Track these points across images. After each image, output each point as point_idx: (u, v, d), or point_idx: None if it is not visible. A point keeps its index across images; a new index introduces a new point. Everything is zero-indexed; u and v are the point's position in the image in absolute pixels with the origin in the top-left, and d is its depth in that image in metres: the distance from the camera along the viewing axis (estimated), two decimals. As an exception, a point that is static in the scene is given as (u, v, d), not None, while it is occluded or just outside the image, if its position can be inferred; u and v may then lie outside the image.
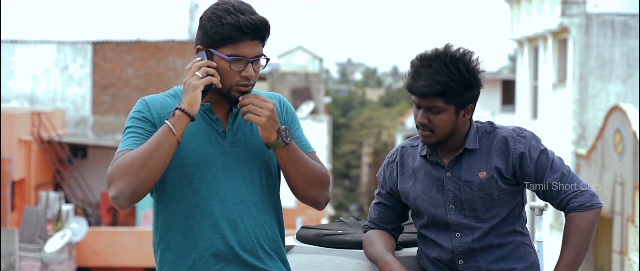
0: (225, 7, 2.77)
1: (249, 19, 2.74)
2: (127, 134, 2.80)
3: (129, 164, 2.68)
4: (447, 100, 2.94)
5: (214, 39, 2.77)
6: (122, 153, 2.73)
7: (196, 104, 2.72)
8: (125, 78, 27.36)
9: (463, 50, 2.97)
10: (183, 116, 2.71)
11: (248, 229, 2.83)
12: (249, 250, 2.83)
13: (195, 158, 2.80)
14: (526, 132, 3.07)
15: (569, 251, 2.98)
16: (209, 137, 2.83)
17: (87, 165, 25.82)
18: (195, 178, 2.81)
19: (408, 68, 3.02)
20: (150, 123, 2.80)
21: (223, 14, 2.75)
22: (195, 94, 2.72)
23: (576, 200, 2.99)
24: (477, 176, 3.02)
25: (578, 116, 21.30)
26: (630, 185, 16.72)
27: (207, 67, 2.76)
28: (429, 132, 2.99)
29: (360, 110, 64.89)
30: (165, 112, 2.82)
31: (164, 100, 2.87)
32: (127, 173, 2.68)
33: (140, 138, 2.77)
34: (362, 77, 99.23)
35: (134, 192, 2.69)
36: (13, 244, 17.06)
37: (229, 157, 2.83)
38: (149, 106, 2.83)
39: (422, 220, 3.13)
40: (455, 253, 3.06)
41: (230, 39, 2.75)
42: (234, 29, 2.74)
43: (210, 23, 2.77)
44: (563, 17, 21.37)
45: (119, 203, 2.71)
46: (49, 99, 27.06)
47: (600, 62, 21.23)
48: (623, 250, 16.64)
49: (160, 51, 27.33)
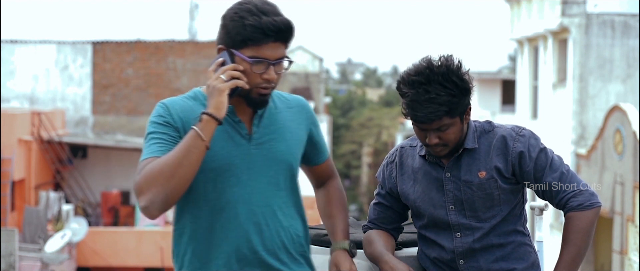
0: (247, 7, 2.70)
1: (271, 21, 2.67)
2: (150, 140, 2.71)
3: (158, 173, 2.60)
4: (452, 115, 2.93)
5: (235, 39, 2.70)
6: (148, 161, 2.65)
7: (223, 108, 2.65)
8: (125, 78, 27.36)
9: (446, 61, 2.92)
10: (211, 120, 2.64)
11: (273, 232, 2.80)
12: (273, 254, 2.80)
13: (219, 162, 2.74)
14: (525, 130, 3.07)
15: (569, 250, 2.98)
16: (233, 140, 2.77)
17: (87, 165, 25.83)
18: (220, 182, 2.75)
19: (402, 97, 2.95)
20: (173, 127, 2.72)
21: (245, 15, 2.68)
22: (222, 98, 2.65)
23: (575, 200, 2.99)
24: (477, 176, 3.02)
25: (578, 116, 21.30)
26: (630, 185, 16.72)
27: (233, 69, 2.69)
28: (442, 147, 2.99)
29: (360, 110, 64.90)
30: (187, 115, 2.75)
31: (184, 103, 2.78)
32: (156, 182, 2.60)
33: (165, 144, 2.69)
34: (362, 77, 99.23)
35: (165, 201, 2.62)
36: (13, 244, 17.06)
37: (253, 159, 2.77)
38: (169, 110, 2.75)
39: (422, 220, 3.13)
40: (456, 253, 3.06)
41: (252, 40, 2.68)
42: (256, 30, 2.67)
43: (232, 23, 2.70)
44: (563, 17, 21.37)
45: (150, 213, 2.64)
46: (49, 99, 27.07)
47: (600, 62, 21.23)
48: (623, 250, 16.64)
49: (160, 51, 27.33)
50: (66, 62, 27.25)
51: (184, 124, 2.73)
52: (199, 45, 27.48)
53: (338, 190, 3.10)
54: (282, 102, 2.91)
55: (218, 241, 2.77)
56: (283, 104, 2.90)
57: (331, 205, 3.08)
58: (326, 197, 3.09)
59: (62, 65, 27.23)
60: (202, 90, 2.83)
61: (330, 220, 3.07)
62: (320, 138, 2.99)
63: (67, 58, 27.27)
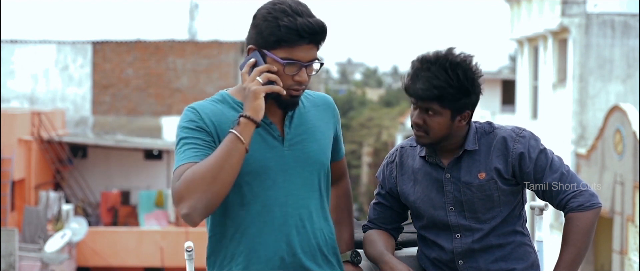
0: (282, 8, 2.64)
1: (306, 22, 2.63)
2: (184, 146, 2.66)
3: (199, 178, 2.56)
4: (443, 104, 2.93)
5: (268, 40, 2.65)
6: (185, 166, 2.61)
7: (261, 111, 2.61)
8: (125, 78, 27.36)
9: (464, 56, 2.95)
10: (249, 123, 2.60)
11: (309, 235, 2.78)
12: (310, 257, 2.79)
13: (254, 166, 2.70)
14: (525, 131, 3.06)
15: (569, 251, 2.98)
16: (266, 142, 2.73)
17: (87, 165, 25.83)
18: (255, 186, 2.71)
19: (408, 68, 3.01)
20: (206, 132, 2.68)
21: (280, 15, 2.63)
22: (260, 101, 2.61)
23: (576, 200, 2.99)
24: (477, 177, 3.02)
25: (578, 116, 21.29)
26: (630, 185, 16.72)
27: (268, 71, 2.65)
28: (423, 132, 2.99)
29: (360, 110, 64.92)
30: (218, 119, 2.70)
31: (213, 106, 2.73)
32: (198, 188, 2.56)
33: (201, 149, 2.64)
34: (362, 77, 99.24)
35: (207, 207, 2.58)
36: (13, 244, 17.06)
37: (287, 161, 2.74)
38: (200, 114, 2.70)
39: (421, 221, 3.13)
40: (455, 253, 3.05)
41: (286, 41, 2.64)
42: (290, 32, 2.63)
43: (265, 23, 2.65)
44: (563, 17, 21.37)
45: (193, 219, 2.59)
46: (49, 99, 27.07)
47: (600, 62, 21.22)
48: (623, 250, 16.64)
49: (160, 51, 27.33)
50: (66, 62, 27.25)
51: (216, 128, 2.70)
52: (199, 45, 27.48)
53: (347, 194, 3.10)
54: (309, 101, 2.88)
55: (256, 246, 2.74)
56: (310, 103, 2.88)
57: (339, 211, 3.07)
58: (335, 200, 3.08)
59: (62, 65, 27.23)
60: (229, 92, 2.80)
61: (336, 227, 3.06)
62: (340, 136, 2.99)
63: (67, 58, 27.28)
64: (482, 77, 3.00)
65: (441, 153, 3.08)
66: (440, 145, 3.03)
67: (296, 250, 2.75)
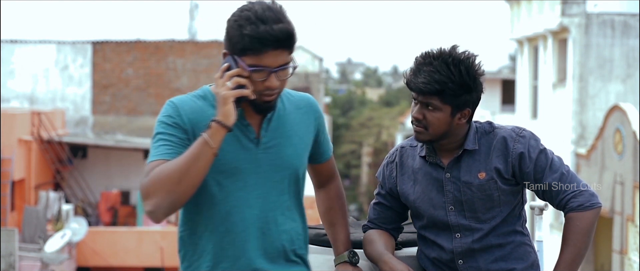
0: (247, 15, 2.64)
1: (269, 30, 2.62)
2: (158, 141, 2.70)
3: (165, 178, 2.60)
4: (443, 99, 2.94)
5: (236, 47, 2.67)
6: (156, 163, 2.65)
7: (231, 115, 2.64)
8: (125, 78, 27.36)
9: (467, 53, 2.96)
10: (220, 128, 2.62)
11: (275, 237, 2.81)
12: (272, 260, 2.81)
13: (227, 166, 2.73)
14: (525, 131, 3.06)
15: (569, 251, 2.98)
16: (241, 143, 2.76)
17: (87, 165, 25.83)
18: (227, 185, 2.75)
19: (411, 64, 3.01)
20: (181, 129, 2.71)
21: (244, 23, 2.64)
22: (229, 106, 2.64)
23: (576, 200, 2.99)
24: (477, 177, 3.02)
25: (578, 116, 21.29)
26: (630, 185, 16.72)
27: (239, 75, 2.67)
28: (422, 128, 2.99)
29: (360, 110, 64.91)
30: (196, 116, 2.73)
31: (193, 103, 2.77)
32: (164, 187, 2.60)
33: (173, 146, 2.68)
34: (362, 77, 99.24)
35: (172, 206, 2.63)
36: (13, 244, 17.06)
37: (261, 163, 2.77)
38: (179, 110, 2.73)
39: (421, 221, 3.13)
40: (455, 253, 3.06)
41: (250, 50, 2.64)
42: (253, 40, 2.63)
43: (232, 31, 2.67)
44: (563, 17, 21.37)
45: (156, 217, 2.64)
46: (49, 99, 27.06)
47: (600, 61, 21.22)
48: (623, 250, 16.64)
49: (160, 51, 27.33)
50: (66, 62, 27.25)
51: (193, 125, 2.72)
52: (199, 45, 27.48)
53: (339, 195, 3.11)
54: (291, 103, 2.89)
55: (224, 245, 2.78)
56: (292, 105, 2.88)
57: (332, 212, 3.11)
58: (327, 203, 3.11)
59: (62, 65, 27.23)
60: (211, 88, 2.81)
61: (332, 228, 3.11)
62: (325, 136, 2.99)
63: (67, 58, 27.27)
64: (483, 77, 3.01)
65: (441, 152, 3.08)
66: (439, 142, 3.03)
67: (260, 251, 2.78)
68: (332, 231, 3.11)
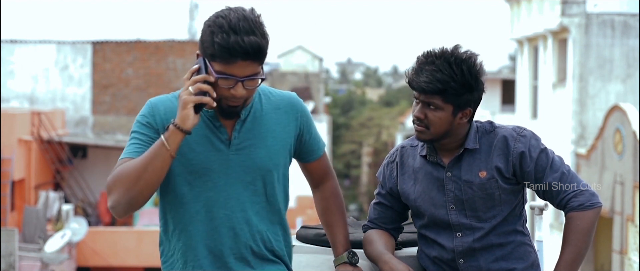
0: (220, 23, 2.66)
1: (239, 42, 2.63)
2: (131, 140, 2.78)
3: (125, 176, 2.68)
4: (445, 99, 2.94)
5: (206, 52, 2.70)
6: (124, 161, 2.73)
7: (188, 120, 2.66)
8: (125, 78, 27.36)
9: (469, 53, 2.97)
10: (177, 132, 2.67)
11: (247, 237, 2.82)
12: (243, 259, 2.84)
13: (197, 166, 2.78)
14: (526, 131, 3.07)
15: (569, 250, 2.98)
16: (213, 144, 2.79)
17: (87, 165, 25.83)
18: (197, 186, 2.79)
19: (413, 63, 3.02)
20: (153, 129, 2.78)
21: (216, 30, 2.65)
22: (187, 111, 2.67)
23: (576, 200, 2.99)
24: (478, 176, 3.02)
25: (578, 116, 21.29)
26: (630, 185, 16.72)
27: (204, 81, 2.69)
28: (424, 127, 2.99)
29: (360, 110, 64.92)
30: (170, 116, 2.78)
31: (170, 103, 2.82)
32: (123, 184, 2.68)
33: (142, 146, 2.75)
34: (362, 77, 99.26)
35: (130, 203, 2.69)
36: (13, 244, 17.06)
37: (232, 164, 2.80)
38: (153, 110, 2.80)
39: (422, 220, 3.13)
40: (456, 252, 3.06)
41: (219, 57, 2.66)
42: (222, 50, 2.65)
43: (204, 36, 2.69)
44: (563, 17, 21.36)
45: (117, 212, 2.72)
46: (49, 99, 27.06)
47: (600, 61, 21.22)
48: (623, 250, 16.64)
49: (160, 51, 27.33)
50: (66, 62, 27.25)
51: (165, 126, 2.76)
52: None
53: (335, 195, 3.11)
54: (270, 103, 2.89)
55: (193, 243, 2.82)
56: (271, 105, 2.88)
57: (329, 213, 3.11)
58: (323, 203, 3.10)
59: (62, 65, 27.23)
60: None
61: (330, 229, 3.12)
62: (311, 135, 2.98)
63: (67, 58, 27.27)
64: (485, 76, 3.01)
65: (442, 152, 3.08)
66: (440, 142, 3.03)
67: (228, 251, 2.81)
68: (330, 233, 3.13)
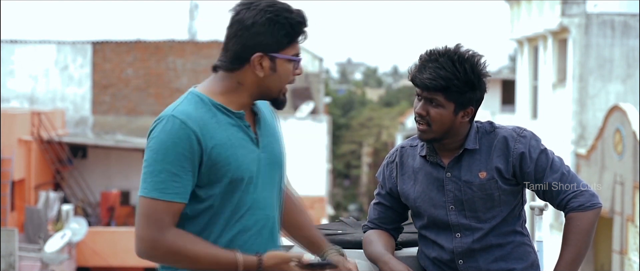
0: (280, 7, 2.60)
1: (301, 14, 2.64)
2: (165, 174, 2.55)
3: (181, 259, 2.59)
4: (448, 96, 2.94)
5: (282, 41, 2.60)
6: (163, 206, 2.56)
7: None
8: (125, 78, 27.36)
9: (472, 52, 2.98)
10: (255, 265, 2.60)
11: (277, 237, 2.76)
12: None
13: (244, 172, 2.63)
14: (526, 131, 3.07)
15: (569, 251, 2.98)
16: (249, 147, 2.67)
17: (87, 165, 25.82)
18: (240, 190, 2.64)
19: (416, 61, 3.02)
20: (195, 159, 2.57)
21: (282, 13, 2.59)
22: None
23: (576, 200, 2.99)
24: (478, 176, 3.02)
25: (578, 116, 21.29)
26: (630, 185, 16.72)
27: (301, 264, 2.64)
28: (426, 125, 2.99)
29: (360, 110, 64.90)
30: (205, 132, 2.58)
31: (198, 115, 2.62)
32: (174, 262, 2.61)
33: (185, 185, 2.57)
34: (362, 77, 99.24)
35: (155, 262, 2.66)
36: (13, 244, 17.06)
37: (263, 164, 2.69)
38: (197, 134, 2.57)
39: (422, 220, 3.13)
40: (455, 253, 3.06)
41: (292, 39, 2.61)
42: (300, 25, 2.63)
43: (272, 25, 2.59)
44: (563, 17, 21.36)
45: (139, 256, 2.68)
46: (48, 99, 27.06)
47: (600, 62, 21.22)
48: (623, 250, 16.64)
49: (160, 51, 27.32)
50: (66, 62, 27.25)
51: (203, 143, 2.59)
52: (199, 45, 27.47)
53: (295, 195, 2.99)
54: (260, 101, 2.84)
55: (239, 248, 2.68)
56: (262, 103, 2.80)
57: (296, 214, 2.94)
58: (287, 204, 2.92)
59: (62, 65, 27.23)
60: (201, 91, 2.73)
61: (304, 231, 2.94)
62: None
63: (67, 58, 27.27)
64: (488, 76, 3.02)
65: (441, 152, 3.08)
66: (442, 141, 3.03)
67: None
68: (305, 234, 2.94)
